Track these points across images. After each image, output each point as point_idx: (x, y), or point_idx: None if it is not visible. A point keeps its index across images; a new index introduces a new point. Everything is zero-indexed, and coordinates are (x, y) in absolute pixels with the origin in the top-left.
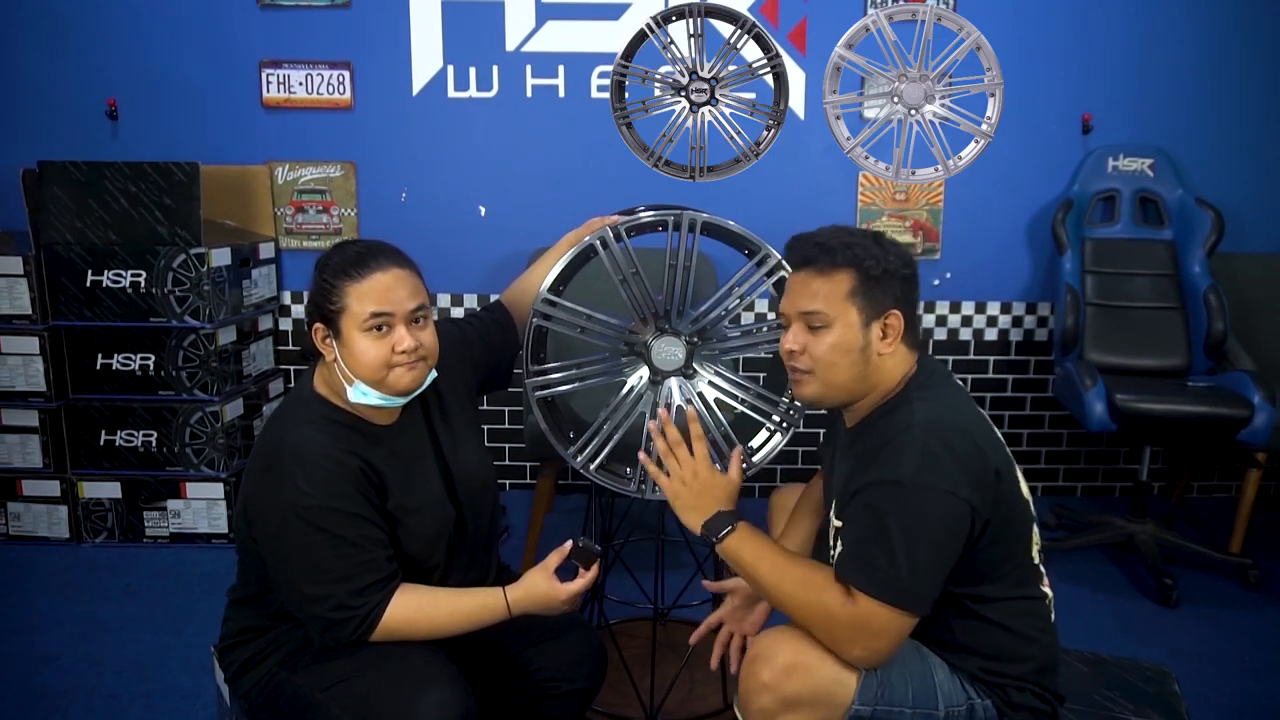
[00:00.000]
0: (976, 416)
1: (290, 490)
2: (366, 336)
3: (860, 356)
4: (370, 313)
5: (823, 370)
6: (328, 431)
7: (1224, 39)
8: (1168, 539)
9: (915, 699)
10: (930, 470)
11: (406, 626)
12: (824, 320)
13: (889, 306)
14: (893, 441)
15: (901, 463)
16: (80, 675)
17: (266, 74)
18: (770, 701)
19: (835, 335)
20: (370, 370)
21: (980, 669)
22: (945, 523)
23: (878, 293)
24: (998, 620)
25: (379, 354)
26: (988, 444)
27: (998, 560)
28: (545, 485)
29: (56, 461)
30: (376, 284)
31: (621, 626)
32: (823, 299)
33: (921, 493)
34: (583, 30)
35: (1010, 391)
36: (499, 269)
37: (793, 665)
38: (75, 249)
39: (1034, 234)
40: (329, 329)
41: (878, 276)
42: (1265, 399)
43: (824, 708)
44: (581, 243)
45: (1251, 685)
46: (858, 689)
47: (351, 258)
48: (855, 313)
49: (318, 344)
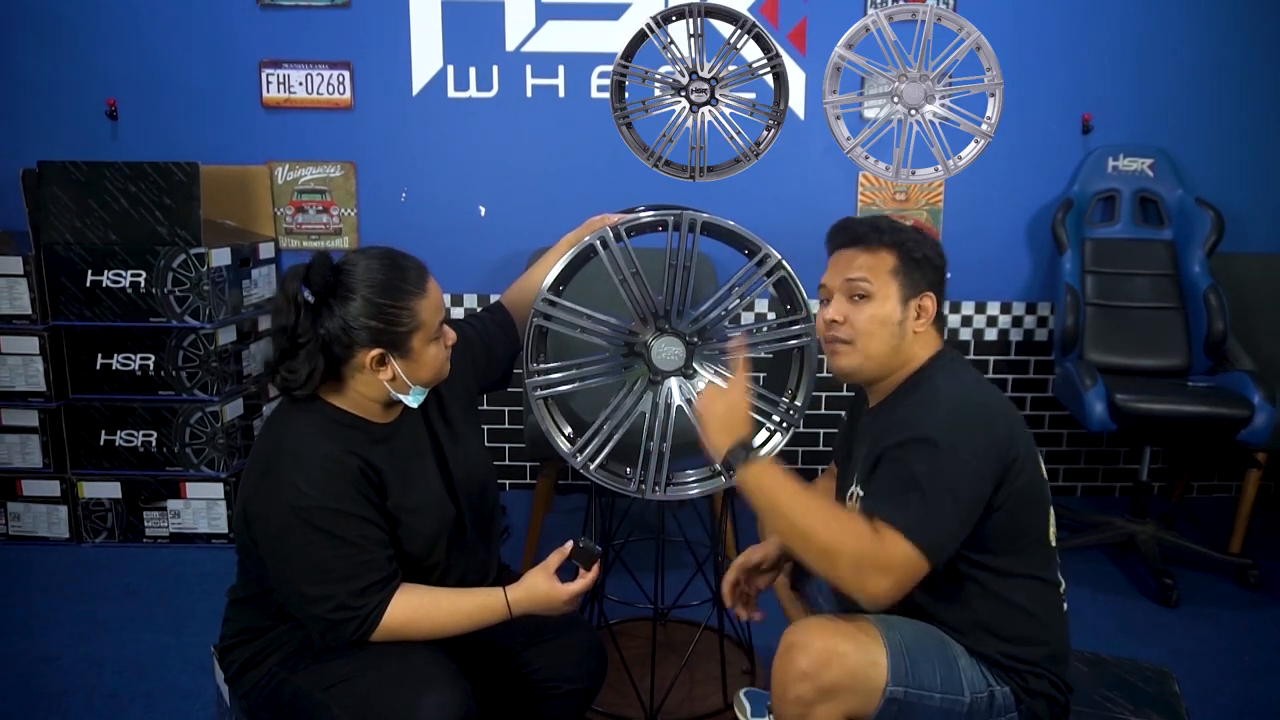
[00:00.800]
0: (998, 394)
1: (289, 491)
2: (435, 343)
3: (897, 330)
4: (440, 322)
5: (862, 340)
6: (327, 431)
7: (1224, 39)
8: (1168, 539)
9: (943, 684)
10: (956, 431)
11: (407, 627)
12: (867, 290)
13: (925, 289)
14: (920, 405)
15: (930, 422)
16: (80, 675)
17: (266, 74)
18: (809, 690)
19: (876, 306)
20: (436, 372)
21: (999, 653)
22: (967, 480)
23: (916, 274)
24: (1018, 601)
25: (442, 354)
26: (1009, 417)
27: (1018, 532)
28: (545, 485)
29: (56, 461)
30: (435, 292)
31: (621, 626)
32: (869, 270)
33: (945, 447)
34: (583, 30)
35: (1010, 391)
36: (499, 269)
37: (830, 653)
38: (75, 249)
39: (1034, 234)
40: (392, 351)
41: (918, 259)
42: (1265, 399)
43: (861, 694)
44: (581, 243)
45: (1251, 685)
46: (889, 670)
47: (411, 276)
48: (896, 288)
49: (368, 369)
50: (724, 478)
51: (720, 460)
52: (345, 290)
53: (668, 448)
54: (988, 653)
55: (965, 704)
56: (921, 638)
